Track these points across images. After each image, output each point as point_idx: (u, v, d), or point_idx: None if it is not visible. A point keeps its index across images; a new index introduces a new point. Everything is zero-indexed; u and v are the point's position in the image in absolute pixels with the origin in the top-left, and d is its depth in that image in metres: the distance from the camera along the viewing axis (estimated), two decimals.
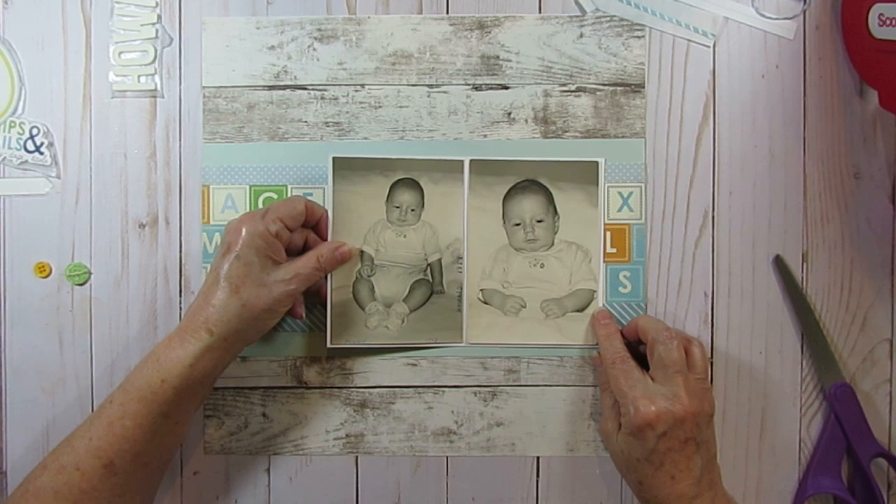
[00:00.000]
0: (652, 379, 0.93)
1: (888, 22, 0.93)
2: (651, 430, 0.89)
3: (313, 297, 1.00)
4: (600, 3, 1.00)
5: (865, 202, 1.00)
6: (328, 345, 1.00)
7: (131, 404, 0.89)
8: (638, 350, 0.98)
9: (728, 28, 1.01)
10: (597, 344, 1.00)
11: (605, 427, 0.97)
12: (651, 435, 0.89)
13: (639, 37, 1.00)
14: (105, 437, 0.89)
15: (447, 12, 1.01)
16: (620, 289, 1.01)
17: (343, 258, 0.98)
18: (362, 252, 1.00)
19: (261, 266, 0.91)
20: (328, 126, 1.01)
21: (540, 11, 1.01)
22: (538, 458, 1.02)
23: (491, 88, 1.01)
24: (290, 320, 1.01)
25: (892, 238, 1.01)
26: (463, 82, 1.00)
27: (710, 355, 1.01)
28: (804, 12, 1.01)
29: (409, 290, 1.00)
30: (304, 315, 0.99)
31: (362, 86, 1.01)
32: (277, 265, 0.92)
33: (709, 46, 1.01)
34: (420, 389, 1.01)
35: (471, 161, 1.00)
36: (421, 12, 1.01)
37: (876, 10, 0.94)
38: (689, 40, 1.01)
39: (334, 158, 1.00)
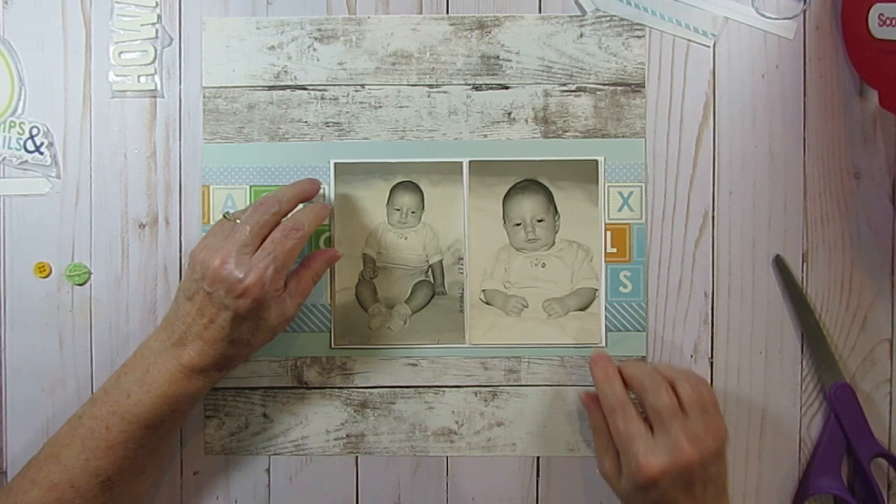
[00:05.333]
0: (651, 428, 0.91)
1: (888, 22, 0.93)
2: (655, 486, 0.87)
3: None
4: (600, 2, 1.00)
5: (865, 202, 1.00)
6: (332, 346, 1.00)
7: (132, 430, 0.89)
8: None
9: (728, 28, 1.01)
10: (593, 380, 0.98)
11: (605, 468, 0.95)
12: (656, 489, 0.88)
13: (639, 36, 1.00)
14: (106, 458, 0.89)
15: (447, 12, 1.01)
16: (621, 288, 1.01)
17: (333, 262, 0.99)
18: (364, 254, 1.01)
19: (267, 316, 0.91)
20: (328, 126, 1.01)
21: (540, 11, 1.01)
22: (538, 458, 1.02)
23: (491, 88, 1.00)
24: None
25: (892, 238, 1.01)
26: (463, 82, 1.00)
27: (710, 356, 1.01)
28: (804, 12, 1.01)
29: (411, 292, 1.01)
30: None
31: (362, 86, 1.01)
32: (280, 305, 0.92)
33: (709, 46, 1.01)
34: (420, 389, 1.01)
35: (470, 162, 1.00)
36: (421, 12, 1.01)
37: (876, 10, 0.94)
38: (689, 40, 1.01)
39: (335, 164, 1.00)
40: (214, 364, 0.91)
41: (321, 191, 0.99)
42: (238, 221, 0.91)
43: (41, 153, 1.00)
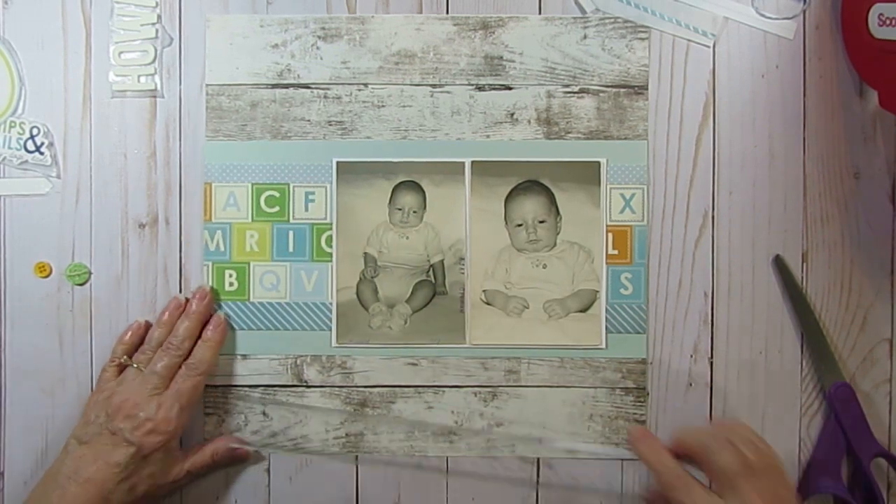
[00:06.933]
0: (718, 494, 0.85)
1: (888, 22, 0.94)
2: None
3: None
4: (600, 2, 1.00)
5: (865, 202, 1.01)
6: (332, 344, 1.00)
7: None
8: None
9: (728, 28, 1.01)
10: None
11: None
12: None
13: (642, 38, 1.00)
14: None
15: (447, 12, 1.01)
16: (622, 290, 1.01)
17: (239, 458, 1.02)
18: (366, 254, 1.01)
19: (161, 467, 0.96)
20: (331, 125, 1.00)
21: (540, 12, 1.01)
22: (538, 458, 1.02)
23: (494, 89, 1.00)
24: (289, 317, 1.01)
25: (892, 238, 1.01)
26: (466, 82, 1.00)
27: (710, 356, 1.01)
28: (804, 12, 1.01)
29: (412, 292, 1.01)
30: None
31: (365, 85, 1.01)
32: (174, 462, 0.98)
33: (709, 46, 1.01)
34: (420, 389, 1.01)
35: (472, 162, 1.00)
36: (421, 12, 1.01)
37: (876, 10, 0.95)
38: (689, 40, 1.01)
39: (338, 163, 1.00)
40: None
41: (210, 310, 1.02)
42: (138, 367, 0.97)
43: (41, 153, 1.00)
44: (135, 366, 0.97)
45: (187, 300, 1.00)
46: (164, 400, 0.94)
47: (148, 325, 1.00)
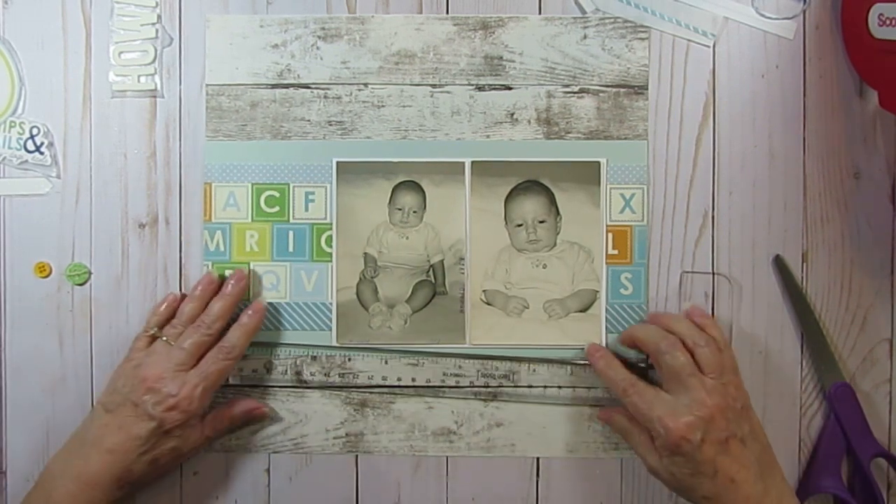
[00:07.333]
0: (667, 392, 0.92)
1: (888, 22, 0.94)
2: (688, 443, 0.88)
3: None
4: (600, 2, 1.00)
5: (865, 202, 1.01)
6: (332, 344, 1.00)
7: None
8: (637, 367, 0.98)
9: (728, 28, 1.01)
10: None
11: (648, 462, 0.94)
12: (689, 447, 0.88)
13: (642, 38, 1.00)
14: None
15: (447, 12, 1.01)
16: (622, 290, 1.01)
17: (257, 418, 1.02)
18: (366, 254, 1.01)
19: (182, 441, 0.95)
20: (331, 125, 1.00)
21: (540, 12, 1.01)
22: (538, 458, 1.02)
23: (494, 89, 1.00)
24: (289, 317, 1.01)
25: (892, 238, 1.01)
26: (466, 82, 1.00)
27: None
28: (804, 12, 1.01)
29: (412, 292, 1.01)
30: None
31: (365, 85, 1.01)
32: (194, 432, 0.97)
33: (709, 46, 1.01)
34: (420, 389, 1.01)
35: (472, 162, 1.00)
36: (421, 12, 1.01)
37: (876, 10, 0.95)
38: (689, 40, 1.01)
39: (338, 163, 1.00)
40: (116, 479, 0.92)
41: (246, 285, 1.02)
42: (166, 339, 0.96)
43: (41, 153, 1.00)
44: (164, 339, 0.96)
45: (221, 278, 1.00)
46: (190, 378, 0.93)
47: (183, 298, 1.00)
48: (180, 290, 1.01)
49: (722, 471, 0.88)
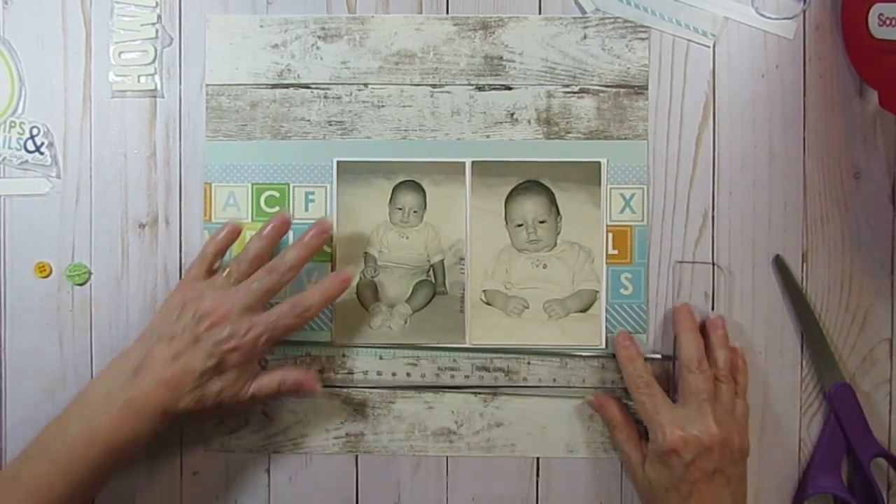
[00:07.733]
0: (678, 401, 0.94)
1: (888, 22, 0.94)
2: (678, 457, 0.89)
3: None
4: (600, 2, 1.00)
5: (865, 202, 1.01)
6: (332, 344, 1.01)
7: (75, 486, 0.88)
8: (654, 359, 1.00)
9: (728, 28, 1.01)
10: (613, 356, 1.00)
11: (629, 460, 0.96)
12: (678, 462, 0.89)
13: (642, 38, 1.00)
14: None
15: (447, 12, 1.01)
16: (622, 290, 1.01)
17: (306, 390, 0.96)
18: (366, 253, 1.01)
19: (231, 383, 0.93)
20: (331, 125, 1.00)
21: (540, 12, 1.01)
22: (538, 458, 1.02)
23: (494, 89, 1.00)
24: None
25: (892, 238, 1.01)
26: (466, 82, 1.00)
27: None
28: (804, 12, 1.01)
29: (412, 291, 1.01)
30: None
31: (365, 85, 1.01)
32: (243, 381, 0.94)
33: (709, 46, 1.01)
34: (420, 389, 1.01)
35: (472, 162, 1.00)
36: (421, 12, 1.01)
37: (876, 10, 0.95)
38: (689, 40, 1.01)
39: (338, 163, 1.00)
40: (162, 411, 0.89)
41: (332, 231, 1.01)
42: (228, 273, 0.94)
43: (41, 153, 1.00)
44: (226, 273, 0.94)
45: (293, 225, 0.99)
46: (257, 324, 0.91)
47: (242, 229, 0.98)
48: None
49: (696, 497, 0.90)
